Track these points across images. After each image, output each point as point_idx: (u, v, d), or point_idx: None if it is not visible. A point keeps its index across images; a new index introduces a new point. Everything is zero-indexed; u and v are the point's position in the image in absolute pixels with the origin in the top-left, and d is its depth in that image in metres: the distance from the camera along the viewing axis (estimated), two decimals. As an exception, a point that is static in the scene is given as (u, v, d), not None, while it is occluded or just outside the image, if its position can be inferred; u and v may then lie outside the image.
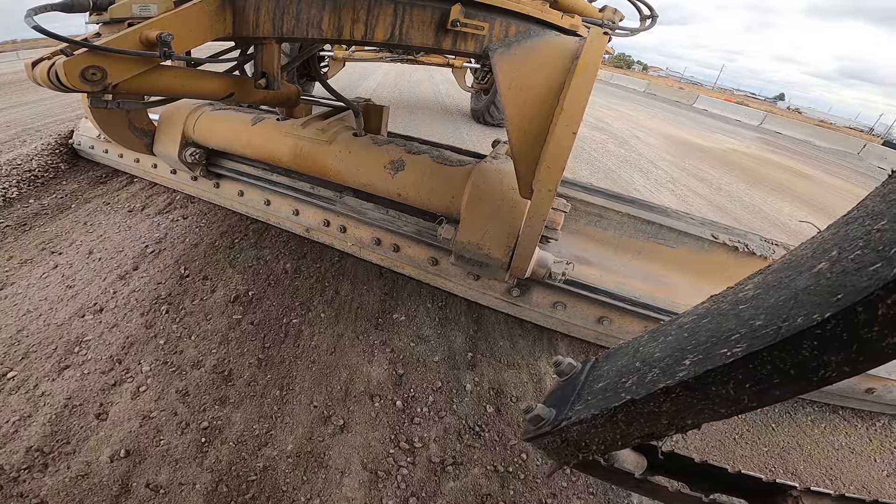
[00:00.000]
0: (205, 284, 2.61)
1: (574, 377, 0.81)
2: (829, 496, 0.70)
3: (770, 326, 0.48)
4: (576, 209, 2.20)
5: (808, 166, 11.29)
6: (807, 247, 0.58)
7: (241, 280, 2.67)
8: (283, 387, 2.02)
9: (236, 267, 2.78)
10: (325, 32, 1.64)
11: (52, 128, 4.78)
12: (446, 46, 1.61)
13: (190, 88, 2.04)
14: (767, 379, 0.48)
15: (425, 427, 1.92)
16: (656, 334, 0.72)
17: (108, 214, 3.25)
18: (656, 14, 2.32)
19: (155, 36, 1.56)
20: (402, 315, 2.50)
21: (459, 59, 7.19)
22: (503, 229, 1.87)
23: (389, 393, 2.04)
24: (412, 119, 7.41)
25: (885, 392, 2.05)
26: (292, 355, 2.18)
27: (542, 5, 1.69)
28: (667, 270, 2.19)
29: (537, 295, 2.26)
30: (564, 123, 1.35)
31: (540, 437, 0.75)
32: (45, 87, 1.57)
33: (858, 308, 0.40)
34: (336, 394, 2.01)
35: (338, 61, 6.67)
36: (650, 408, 0.59)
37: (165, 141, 2.83)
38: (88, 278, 2.58)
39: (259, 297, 2.54)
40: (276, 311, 2.44)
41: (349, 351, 2.23)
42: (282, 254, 2.93)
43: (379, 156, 2.26)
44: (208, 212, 3.31)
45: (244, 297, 2.52)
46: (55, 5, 1.64)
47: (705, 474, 0.77)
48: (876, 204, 0.53)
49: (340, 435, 1.85)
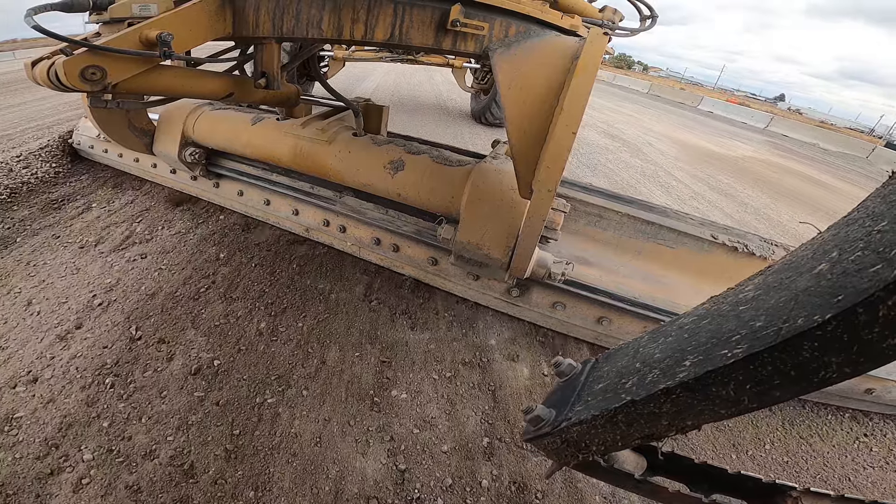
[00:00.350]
0: (160, 350, 2.11)
1: (574, 378, 0.81)
2: (829, 496, 0.70)
3: (770, 327, 0.48)
4: (576, 209, 2.20)
5: (823, 173, 11.08)
6: (807, 248, 0.58)
7: (205, 344, 2.16)
8: (259, 486, 1.63)
9: (200, 327, 2.26)
10: (325, 32, 1.64)
11: (27, 134, 4.61)
12: (446, 46, 1.61)
13: (190, 88, 2.04)
14: (768, 380, 0.48)
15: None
16: (656, 335, 0.72)
17: (56, 251, 2.78)
18: (656, 14, 2.33)
19: (155, 36, 1.56)
20: (402, 391, 2.05)
21: (459, 60, 7.18)
22: (503, 229, 1.87)
23: (389, 495, 1.66)
24: (413, 124, 7.28)
25: (885, 392, 2.05)
26: (268, 446, 1.77)
27: (542, 5, 1.69)
28: (666, 271, 2.20)
29: (537, 295, 2.26)
30: (564, 123, 1.35)
31: (540, 437, 0.75)
32: (44, 86, 1.57)
33: (859, 309, 0.40)
34: (324, 497, 1.63)
35: (338, 61, 6.67)
36: (650, 409, 0.59)
37: (165, 140, 2.83)
38: (23, 338, 2.14)
39: (227, 367, 2.06)
40: (247, 388, 1.98)
41: (338, 440, 1.81)
42: (256, 309, 2.41)
43: (379, 156, 2.26)
44: (171, 249, 2.82)
45: (208, 369, 2.04)
46: (55, 5, 1.64)
47: (705, 475, 0.77)
48: (876, 205, 0.53)
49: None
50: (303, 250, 2.90)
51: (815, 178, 9.98)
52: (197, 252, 2.84)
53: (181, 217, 3.23)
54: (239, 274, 2.68)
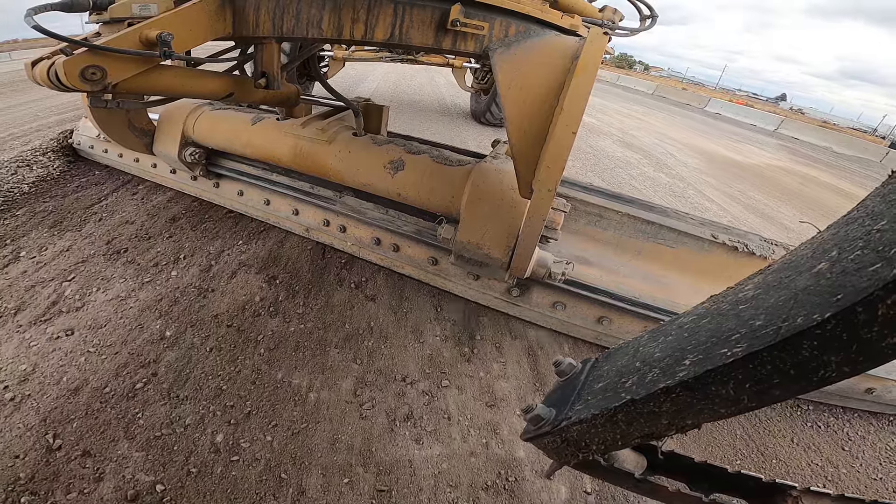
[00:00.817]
0: (85, 466, 1.61)
1: (574, 377, 0.81)
2: (829, 496, 0.70)
3: (770, 326, 0.48)
4: (576, 209, 2.20)
5: (845, 181, 10.83)
6: (807, 247, 0.58)
7: (143, 462, 1.65)
8: None
9: (136, 437, 1.72)
10: (325, 32, 1.64)
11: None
12: (446, 46, 1.61)
13: (190, 88, 2.04)
14: (767, 379, 0.48)
15: None
16: (656, 334, 0.72)
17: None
18: (656, 14, 2.33)
19: (155, 35, 1.56)
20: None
21: (459, 59, 7.19)
22: (503, 229, 1.88)
23: None
24: (413, 128, 7.13)
25: (885, 392, 2.05)
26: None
27: (542, 5, 1.69)
28: (666, 270, 2.20)
29: (537, 295, 2.26)
30: (564, 123, 1.35)
31: (540, 436, 0.75)
32: (44, 86, 1.57)
33: (858, 308, 0.40)
34: None
35: (338, 61, 6.67)
36: (650, 408, 0.59)
37: (165, 140, 2.83)
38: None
39: (174, 496, 1.56)
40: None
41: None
42: (210, 413, 1.83)
43: (379, 155, 2.27)
44: (105, 323, 2.22)
45: (149, 495, 1.56)
46: (55, 5, 1.64)
47: (705, 474, 0.77)
48: (876, 204, 0.53)
49: None
50: (274, 325, 2.28)
51: (846, 191, 9.59)
52: (137, 327, 2.21)
53: (123, 273, 2.56)
54: (189, 362, 2.05)
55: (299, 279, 2.64)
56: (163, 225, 3.07)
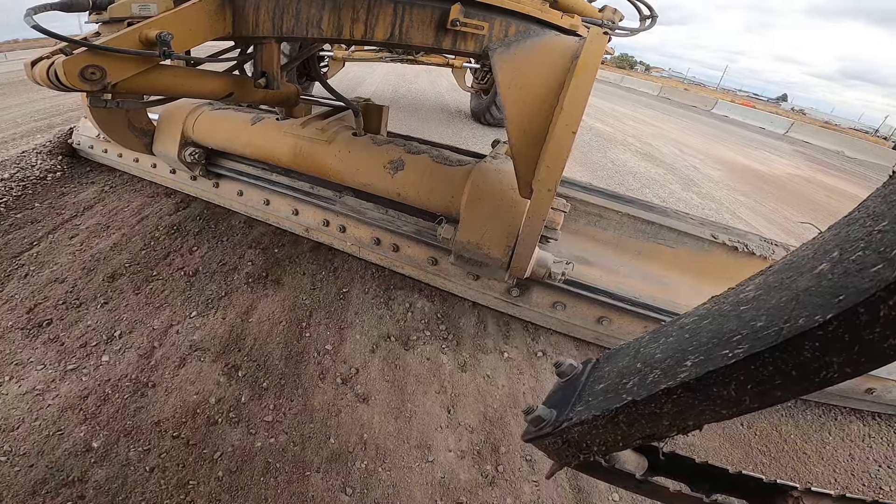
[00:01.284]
0: None
1: (575, 378, 0.81)
2: (830, 496, 0.70)
3: (771, 327, 0.48)
4: (576, 209, 2.19)
5: (867, 192, 10.75)
6: (808, 248, 0.58)
7: None
8: None
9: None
10: (324, 32, 1.64)
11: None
12: (446, 46, 1.61)
13: (189, 88, 2.04)
14: (769, 380, 0.47)
15: None
16: (657, 335, 0.71)
17: None
18: (656, 14, 2.33)
19: (154, 35, 1.56)
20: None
21: (459, 59, 7.19)
22: (503, 229, 1.87)
23: None
24: (413, 127, 6.91)
25: (885, 392, 2.05)
26: None
27: (542, 5, 1.69)
28: (666, 270, 2.19)
29: (537, 295, 2.26)
30: (564, 123, 1.35)
31: (541, 438, 0.74)
32: (44, 86, 1.57)
33: (860, 309, 0.40)
34: None
35: (337, 61, 6.67)
36: (651, 409, 0.58)
37: (165, 140, 2.83)
38: None
39: None
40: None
41: None
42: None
43: (378, 155, 2.26)
44: (17, 425, 1.75)
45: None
46: (55, 5, 1.64)
47: (706, 475, 0.77)
48: (877, 205, 0.52)
49: None
50: (235, 437, 1.78)
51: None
52: (56, 433, 1.71)
53: (42, 356, 2.04)
54: (125, 484, 1.58)
55: (268, 370, 2.08)
56: (99, 285, 2.50)
